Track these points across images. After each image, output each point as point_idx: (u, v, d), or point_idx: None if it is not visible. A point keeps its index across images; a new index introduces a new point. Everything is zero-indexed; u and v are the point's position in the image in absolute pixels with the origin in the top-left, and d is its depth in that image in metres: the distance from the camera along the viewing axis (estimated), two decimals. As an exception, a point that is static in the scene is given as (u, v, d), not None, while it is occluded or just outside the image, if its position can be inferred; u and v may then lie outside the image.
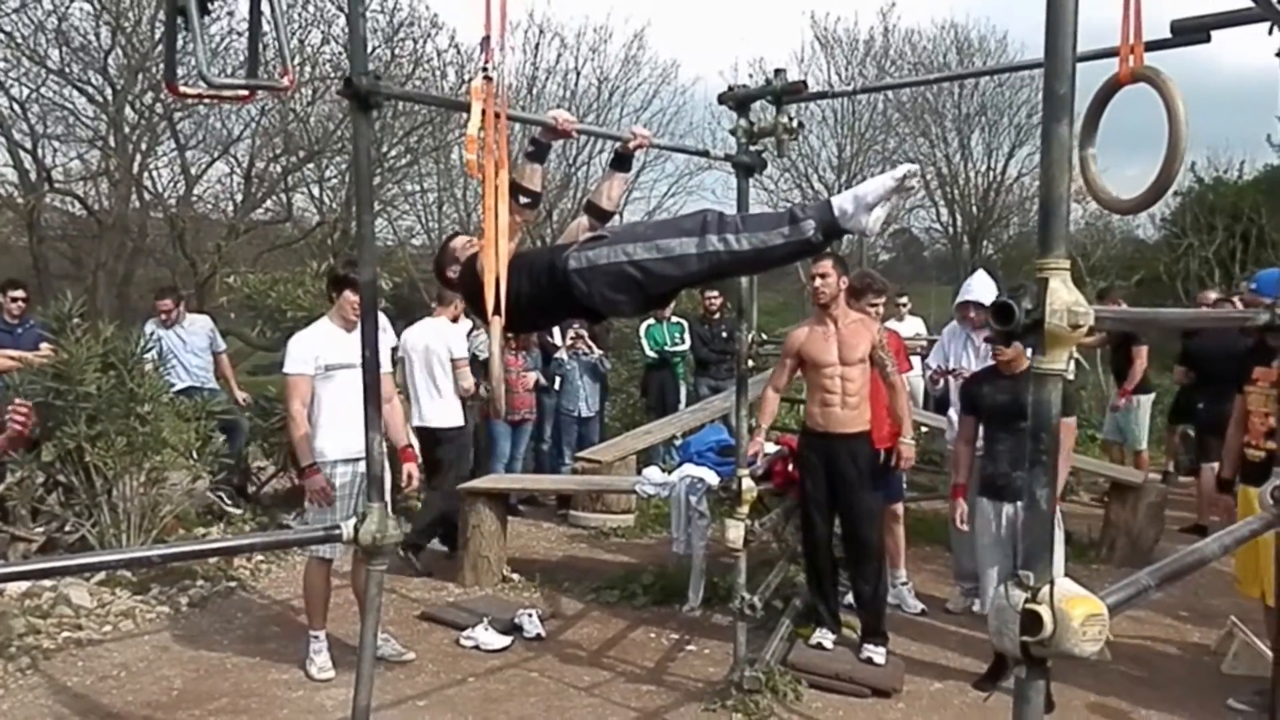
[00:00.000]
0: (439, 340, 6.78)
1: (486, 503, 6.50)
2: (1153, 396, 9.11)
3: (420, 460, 6.38)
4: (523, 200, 3.32)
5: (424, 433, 6.76)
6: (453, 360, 6.76)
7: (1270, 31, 2.94)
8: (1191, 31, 3.09)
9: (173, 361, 7.62)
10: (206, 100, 11.56)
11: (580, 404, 8.86)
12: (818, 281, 5.02)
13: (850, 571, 5.24)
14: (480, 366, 7.26)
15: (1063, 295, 1.84)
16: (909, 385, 6.70)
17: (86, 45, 15.73)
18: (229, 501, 7.63)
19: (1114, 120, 2.70)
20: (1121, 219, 19.00)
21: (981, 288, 5.92)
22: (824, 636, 5.14)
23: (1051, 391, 1.89)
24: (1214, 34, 3.11)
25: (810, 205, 3.23)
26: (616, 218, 4.04)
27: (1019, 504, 4.51)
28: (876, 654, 4.97)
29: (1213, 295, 10.08)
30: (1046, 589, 1.87)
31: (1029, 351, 1.98)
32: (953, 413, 6.23)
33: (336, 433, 4.84)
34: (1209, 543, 2.62)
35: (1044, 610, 1.85)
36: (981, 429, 5.07)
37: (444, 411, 6.76)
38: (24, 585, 5.64)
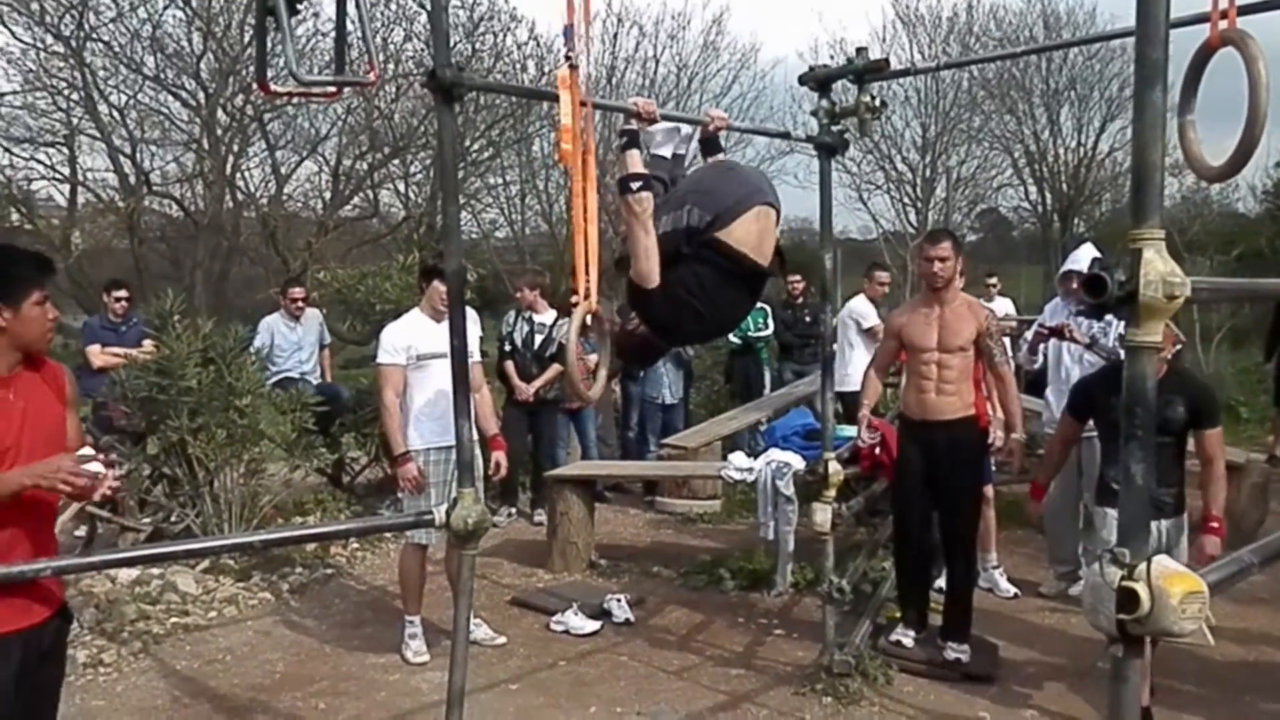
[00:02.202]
0: (851, 313, 7.84)
1: (574, 489, 6.56)
2: None
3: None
4: (635, 185, 3.36)
5: (840, 396, 7.38)
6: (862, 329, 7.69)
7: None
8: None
9: (284, 355, 7.84)
10: (296, 98, 11.83)
11: (664, 391, 8.88)
12: (936, 265, 4.71)
13: (943, 561, 5.01)
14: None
15: (1158, 266, 1.80)
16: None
17: (180, 51, 16.28)
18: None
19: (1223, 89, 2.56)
20: (1219, 192, 18.35)
21: (1088, 258, 5.62)
22: (904, 635, 4.92)
23: (1146, 365, 1.85)
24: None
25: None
26: None
27: (1161, 522, 4.20)
28: (961, 653, 4.73)
29: None
30: (1144, 566, 1.83)
31: (1122, 325, 1.92)
32: (1049, 394, 6.07)
33: (428, 421, 4.92)
34: (1317, 520, 2.53)
35: (1141, 587, 1.81)
36: (1099, 432, 4.67)
37: (857, 375, 7.41)
38: (134, 573, 5.87)
